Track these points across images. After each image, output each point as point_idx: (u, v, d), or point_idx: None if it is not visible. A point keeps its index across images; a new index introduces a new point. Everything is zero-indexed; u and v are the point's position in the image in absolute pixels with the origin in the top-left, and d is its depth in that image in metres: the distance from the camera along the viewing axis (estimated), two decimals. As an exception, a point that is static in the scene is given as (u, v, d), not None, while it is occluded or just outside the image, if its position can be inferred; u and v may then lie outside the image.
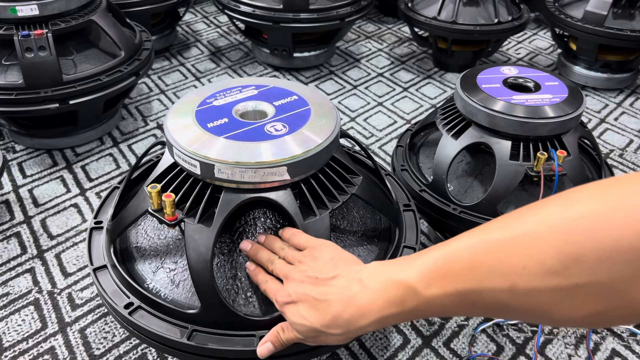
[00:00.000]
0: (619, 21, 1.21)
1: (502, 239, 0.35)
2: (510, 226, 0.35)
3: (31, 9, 0.91)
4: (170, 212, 0.51)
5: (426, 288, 0.38)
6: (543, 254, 0.32)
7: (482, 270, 0.35)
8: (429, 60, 1.45)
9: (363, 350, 0.70)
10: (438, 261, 0.38)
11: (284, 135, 0.53)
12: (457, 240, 0.39)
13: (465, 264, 0.36)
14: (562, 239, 0.32)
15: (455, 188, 0.75)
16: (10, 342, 0.70)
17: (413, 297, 0.39)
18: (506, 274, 0.34)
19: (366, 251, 0.62)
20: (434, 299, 0.38)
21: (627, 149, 1.13)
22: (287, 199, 0.53)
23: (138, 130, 1.14)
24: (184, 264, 0.57)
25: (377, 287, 0.42)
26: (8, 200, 0.94)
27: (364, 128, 1.17)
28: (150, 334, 0.52)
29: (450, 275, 0.37)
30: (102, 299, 0.57)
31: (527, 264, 0.33)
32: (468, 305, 0.37)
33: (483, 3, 1.29)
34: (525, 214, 0.35)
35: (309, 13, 1.23)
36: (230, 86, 0.62)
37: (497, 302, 0.35)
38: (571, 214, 0.32)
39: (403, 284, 0.40)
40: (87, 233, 0.62)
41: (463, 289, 0.36)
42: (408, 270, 0.40)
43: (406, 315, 0.40)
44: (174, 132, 0.54)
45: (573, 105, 0.70)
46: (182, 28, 1.61)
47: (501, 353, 0.70)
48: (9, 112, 0.92)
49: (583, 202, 0.32)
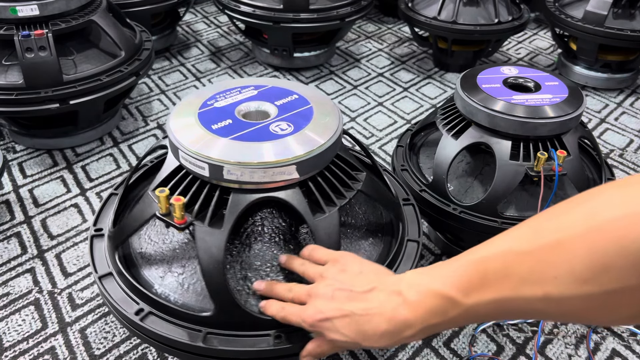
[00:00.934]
0: (619, 21, 1.21)
1: (532, 249, 0.36)
2: (538, 235, 0.36)
3: (31, 9, 0.91)
4: (179, 215, 0.51)
5: (465, 297, 0.39)
6: (572, 263, 0.33)
7: (516, 279, 0.36)
8: (429, 60, 1.45)
9: (363, 350, 0.70)
10: (471, 270, 0.39)
11: (290, 134, 0.54)
12: (487, 247, 0.40)
13: (499, 274, 0.37)
14: (588, 247, 0.33)
15: (455, 188, 0.75)
16: (11, 342, 0.70)
17: (454, 307, 0.40)
18: (539, 282, 0.35)
19: (371, 246, 0.62)
20: (473, 308, 0.39)
21: (627, 149, 1.13)
22: (296, 198, 0.53)
23: (138, 131, 1.14)
24: (193, 267, 0.57)
25: (417, 299, 0.42)
26: (8, 200, 0.94)
27: (364, 128, 1.17)
28: (164, 339, 0.51)
29: (485, 285, 0.38)
30: (110, 307, 0.56)
31: (558, 273, 0.34)
32: (506, 312, 0.38)
33: (483, 3, 1.29)
34: (552, 221, 0.36)
35: (309, 13, 1.23)
36: (230, 87, 0.62)
37: (533, 309, 0.37)
38: (595, 222, 0.33)
39: (442, 295, 0.40)
40: (89, 241, 0.61)
41: (499, 297, 0.37)
42: (444, 279, 0.41)
43: (447, 324, 0.41)
44: (179, 135, 0.54)
45: (573, 105, 0.70)
46: (183, 28, 1.61)
47: (501, 353, 0.70)
48: (9, 112, 0.92)
49: (606, 209, 0.33)
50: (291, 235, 0.60)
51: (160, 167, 0.70)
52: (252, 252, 0.57)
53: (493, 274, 0.38)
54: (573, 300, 0.34)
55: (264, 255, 0.58)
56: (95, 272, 0.58)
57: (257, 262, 0.57)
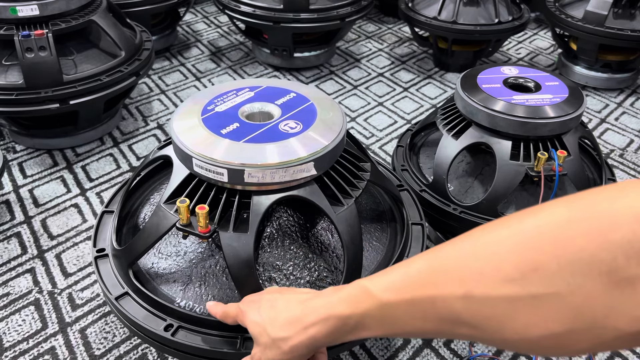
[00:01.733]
0: (619, 21, 1.21)
1: (463, 246, 0.34)
2: (473, 236, 0.34)
3: (31, 9, 0.91)
4: (204, 224, 0.50)
5: (382, 292, 0.37)
6: (502, 260, 0.31)
7: (438, 275, 0.34)
8: (429, 60, 1.45)
9: (363, 351, 0.70)
10: (397, 271, 0.37)
11: (302, 132, 0.54)
12: (421, 254, 0.38)
13: (422, 271, 0.35)
14: (523, 244, 0.30)
15: (455, 188, 0.75)
16: (11, 342, 0.70)
17: (367, 299, 0.37)
18: (462, 279, 0.32)
19: (379, 231, 0.63)
20: (387, 305, 0.36)
21: (627, 149, 1.12)
22: (315, 194, 0.53)
23: (138, 131, 1.14)
24: (215, 276, 0.57)
25: (333, 290, 0.41)
26: (8, 200, 0.94)
27: (364, 128, 1.17)
28: (200, 351, 0.51)
29: (406, 282, 0.36)
30: (133, 327, 0.55)
31: (485, 269, 0.31)
32: (420, 315, 0.35)
33: (483, 3, 1.29)
34: (491, 224, 0.34)
35: (309, 13, 1.23)
36: (225, 91, 0.62)
37: (450, 312, 0.33)
38: (537, 221, 0.31)
39: (359, 284, 0.39)
40: (94, 264, 0.59)
41: (417, 296, 0.35)
42: (368, 278, 0.39)
43: (357, 319, 0.38)
44: (191, 144, 0.53)
45: (573, 105, 0.70)
46: (183, 28, 1.61)
47: (501, 353, 0.70)
48: (9, 112, 0.92)
49: (551, 211, 0.31)
50: (308, 231, 0.60)
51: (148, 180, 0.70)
52: (274, 253, 0.57)
53: (416, 271, 0.36)
54: (495, 302, 0.31)
55: (285, 254, 0.58)
56: (110, 293, 0.56)
57: (279, 262, 0.57)
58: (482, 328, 0.32)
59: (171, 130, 0.56)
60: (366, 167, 0.59)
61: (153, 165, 0.70)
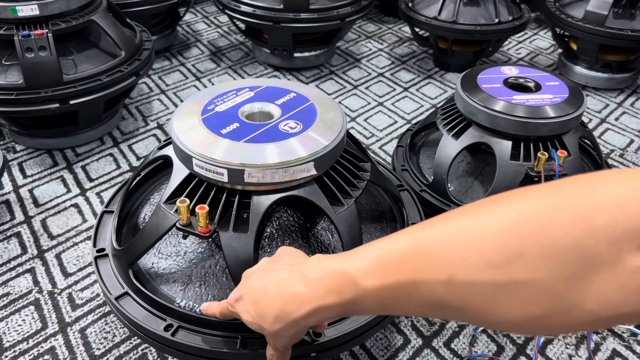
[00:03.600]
0: (619, 21, 1.21)
1: (446, 230, 0.34)
2: (456, 218, 0.34)
3: (31, 9, 0.91)
4: (204, 224, 0.51)
5: (365, 278, 0.36)
6: (486, 246, 0.31)
7: (422, 259, 0.34)
8: (430, 60, 1.45)
9: (363, 351, 0.70)
10: (379, 251, 0.37)
11: (302, 132, 0.54)
12: (402, 232, 0.37)
13: (406, 254, 0.35)
14: (508, 231, 0.30)
15: (455, 188, 0.75)
16: (11, 342, 0.70)
17: (351, 287, 0.37)
18: (445, 264, 0.32)
19: (379, 231, 0.63)
20: (372, 291, 0.36)
21: (627, 149, 1.12)
22: (315, 194, 0.53)
23: (138, 130, 1.14)
24: (215, 276, 0.57)
25: (316, 276, 0.39)
26: (8, 200, 0.94)
27: (364, 128, 1.17)
28: (200, 351, 0.51)
29: (390, 266, 0.35)
30: (133, 327, 0.55)
31: (469, 255, 0.31)
32: (404, 299, 0.35)
33: (483, 3, 1.29)
34: (473, 208, 0.34)
35: (309, 13, 1.23)
36: (225, 91, 0.62)
37: (433, 295, 0.33)
38: (521, 207, 0.31)
39: (342, 273, 0.38)
40: (94, 264, 0.60)
41: (401, 280, 0.34)
42: (350, 260, 0.38)
43: (344, 307, 0.38)
44: (191, 144, 0.53)
45: (574, 105, 0.70)
46: (183, 28, 1.61)
47: (502, 353, 0.70)
48: (9, 112, 0.92)
49: (535, 197, 0.31)
50: (308, 231, 0.60)
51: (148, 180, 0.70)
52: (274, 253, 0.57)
53: (399, 255, 0.35)
54: (477, 287, 0.31)
55: None
56: (110, 293, 0.56)
57: None
58: (465, 311, 0.33)
59: (171, 130, 0.56)
60: (366, 167, 0.59)
61: (153, 165, 0.70)
